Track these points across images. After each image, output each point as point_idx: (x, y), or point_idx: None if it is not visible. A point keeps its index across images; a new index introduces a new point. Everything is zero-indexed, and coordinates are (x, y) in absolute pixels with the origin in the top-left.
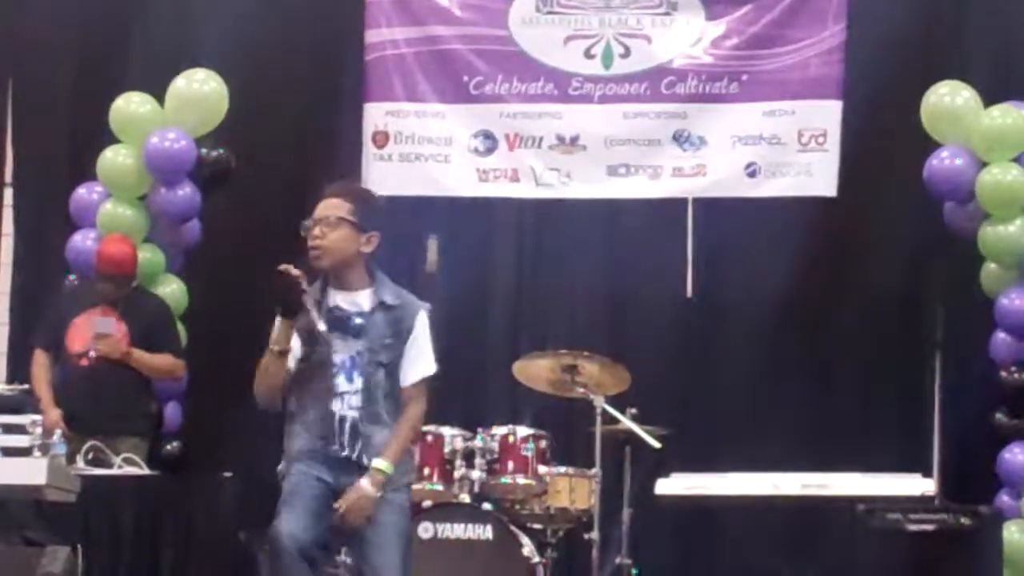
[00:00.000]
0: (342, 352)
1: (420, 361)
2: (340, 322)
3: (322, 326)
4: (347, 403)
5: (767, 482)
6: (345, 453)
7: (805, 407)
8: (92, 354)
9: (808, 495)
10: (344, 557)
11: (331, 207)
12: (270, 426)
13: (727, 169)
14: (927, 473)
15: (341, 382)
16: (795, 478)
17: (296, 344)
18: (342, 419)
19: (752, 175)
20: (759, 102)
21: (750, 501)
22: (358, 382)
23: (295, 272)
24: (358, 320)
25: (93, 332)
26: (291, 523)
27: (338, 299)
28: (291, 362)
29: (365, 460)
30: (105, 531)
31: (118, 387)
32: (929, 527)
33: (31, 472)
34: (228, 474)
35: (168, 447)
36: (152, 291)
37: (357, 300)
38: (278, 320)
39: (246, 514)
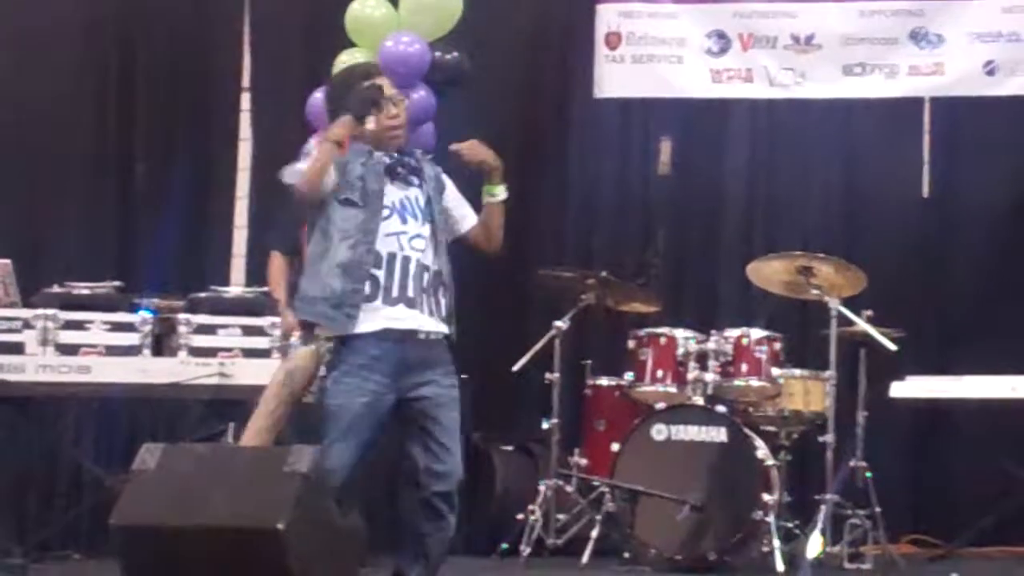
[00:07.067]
0: (392, 196)
1: (467, 207)
2: (391, 169)
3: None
4: (406, 244)
5: (1004, 385)
6: (410, 295)
7: None
8: None
9: None
10: None
11: (392, 85)
12: (503, 330)
13: (965, 67)
14: None
15: (394, 222)
16: None
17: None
18: (405, 259)
19: (991, 73)
20: None
21: (986, 404)
22: (415, 226)
23: (386, 89)
24: (410, 163)
25: None
26: (343, 458)
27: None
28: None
29: (431, 312)
30: None
31: None
32: None
33: (271, 373)
34: (463, 376)
35: None
36: None
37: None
38: (346, 118)
39: (480, 415)
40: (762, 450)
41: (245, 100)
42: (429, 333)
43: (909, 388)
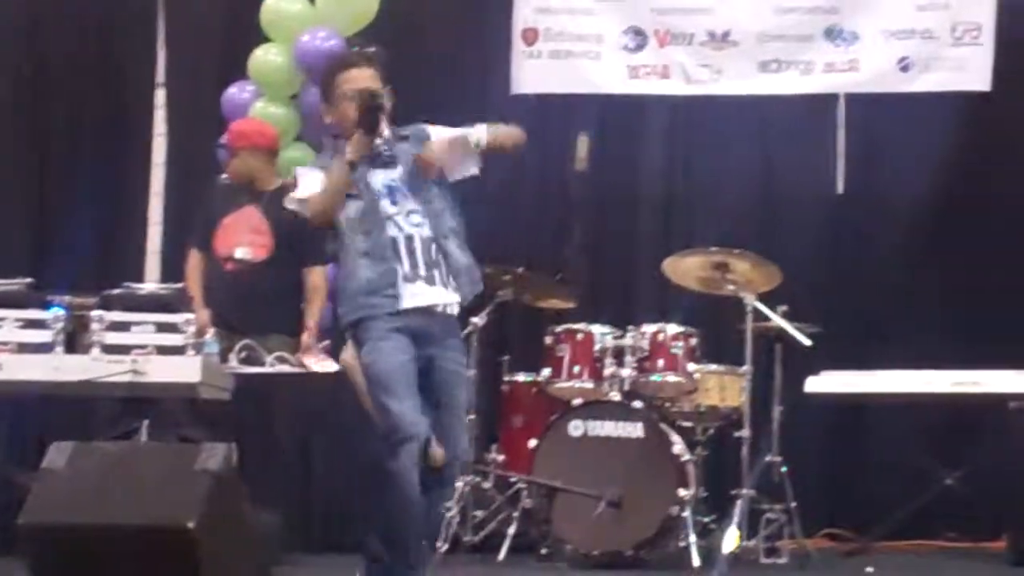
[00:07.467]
0: (377, 182)
1: (463, 129)
2: (370, 158)
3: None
4: (403, 223)
5: (918, 380)
6: (423, 273)
7: (956, 304)
8: (237, 255)
9: (959, 392)
10: None
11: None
12: None
13: (880, 64)
14: None
15: (386, 205)
16: (946, 375)
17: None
18: (409, 238)
19: (905, 70)
20: None
21: (901, 399)
22: (405, 203)
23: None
24: (384, 149)
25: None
26: (415, 411)
27: None
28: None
29: (449, 278)
30: (258, 428)
31: (263, 289)
32: None
33: (185, 370)
34: None
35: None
36: None
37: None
38: (358, 135)
39: None
40: (678, 445)
41: (160, 96)
42: (446, 306)
43: (824, 383)
